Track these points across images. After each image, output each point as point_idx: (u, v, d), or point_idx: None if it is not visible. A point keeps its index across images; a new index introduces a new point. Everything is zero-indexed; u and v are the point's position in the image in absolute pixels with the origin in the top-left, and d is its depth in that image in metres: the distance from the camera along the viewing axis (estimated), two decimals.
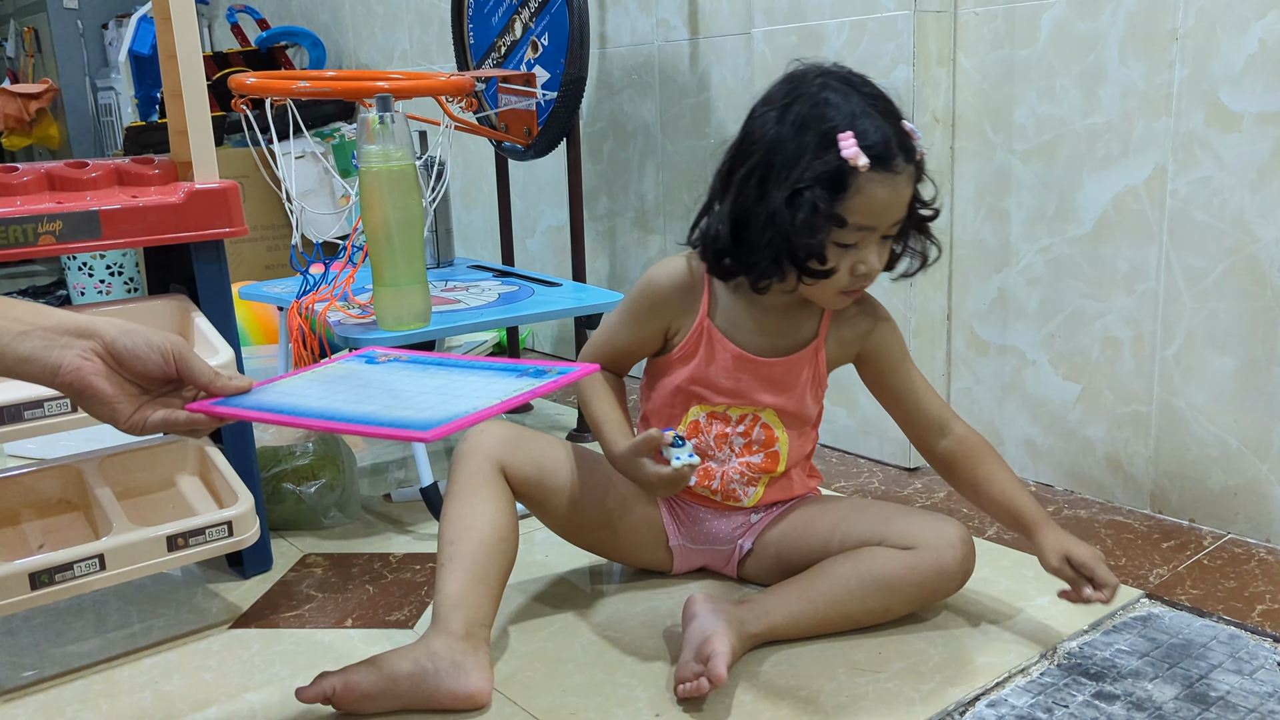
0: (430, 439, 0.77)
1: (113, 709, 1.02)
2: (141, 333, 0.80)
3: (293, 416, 0.82)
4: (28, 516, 1.19)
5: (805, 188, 0.99)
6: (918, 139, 1.03)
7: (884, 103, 1.03)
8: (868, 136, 0.99)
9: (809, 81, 1.03)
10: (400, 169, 1.29)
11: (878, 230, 1.03)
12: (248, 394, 0.85)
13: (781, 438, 1.16)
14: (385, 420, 0.80)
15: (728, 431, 1.16)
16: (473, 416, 0.79)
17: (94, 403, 0.78)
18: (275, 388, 0.88)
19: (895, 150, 1.00)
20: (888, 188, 1.00)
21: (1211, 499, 1.33)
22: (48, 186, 1.17)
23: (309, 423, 0.81)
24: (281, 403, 0.84)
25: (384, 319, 1.35)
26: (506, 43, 1.81)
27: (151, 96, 3.05)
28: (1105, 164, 1.36)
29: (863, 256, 1.03)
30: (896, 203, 1.02)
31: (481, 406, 0.80)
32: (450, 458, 1.73)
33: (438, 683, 0.96)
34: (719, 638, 0.99)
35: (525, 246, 2.39)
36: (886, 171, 1.00)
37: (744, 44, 1.80)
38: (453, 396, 0.84)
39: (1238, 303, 1.27)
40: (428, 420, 0.79)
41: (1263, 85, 1.21)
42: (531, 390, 0.84)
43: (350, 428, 0.80)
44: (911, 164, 1.02)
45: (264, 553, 1.30)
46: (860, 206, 1.00)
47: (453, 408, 0.81)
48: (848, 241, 1.02)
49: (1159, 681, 1.00)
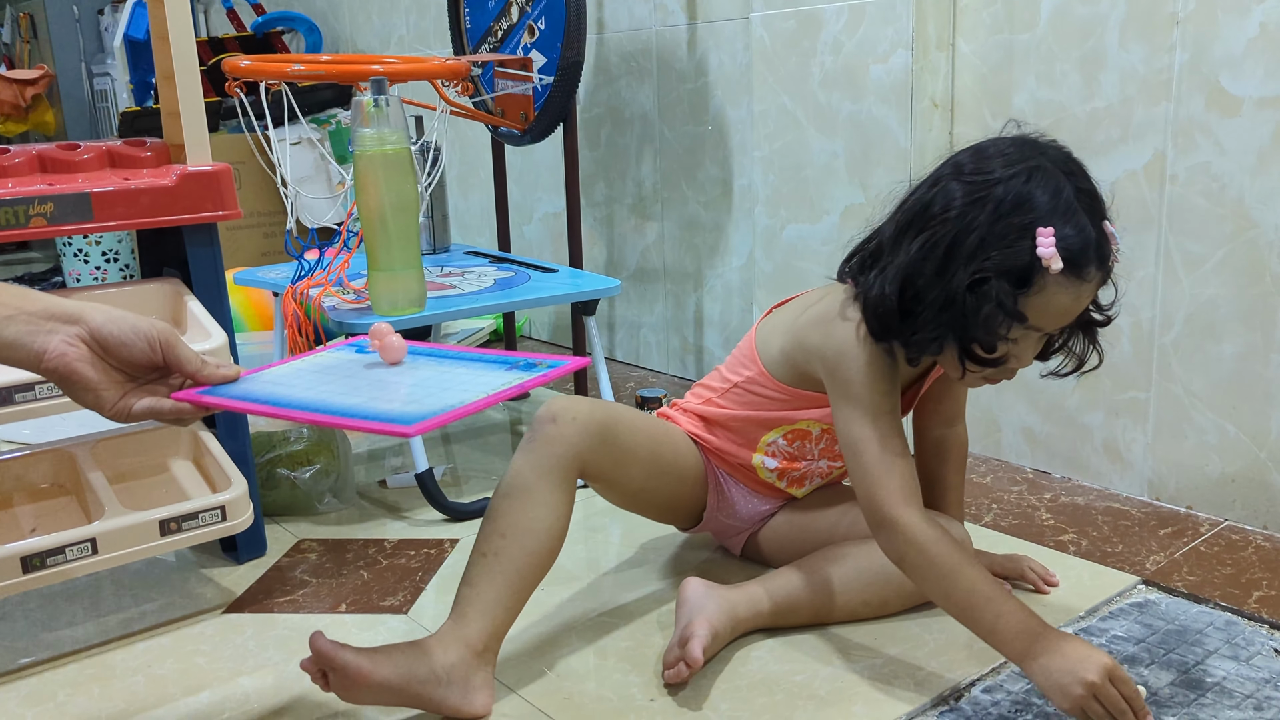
0: (412, 434, 0.76)
1: (105, 693, 1.02)
2: (128, 319, 0.79)
3: (278, 408, 0.81)
4: (20, 500, 1.19)
5: (991, 277, 0.91)
6: (1116, 244, 0.95)
7: (1093, 200, 0.94)
8: (1067, 239, 0.91)
9: (1025, 158, 0.94)
10: (395, 153, 1.29)
11: (1044, 330, 0.96)
12: (235, 383, 0.84)
13: None
14: (369, 414, 0.79)
15: (807, 445, 1.16)
16: (457, 412, 0.79)
17: (78, 389, 0.78)
18: (262, 377, 0.87)
19: (1091, 258, 0.92)
20: (1071, 294, 0.93)
21: (1209, 486, 1.33)
22: (39, 168, 1.17)
23: (294, 415, 0.81)
24: (268, 393, 0.84)
25: (379, 304, 1.35)
26: (503, 27, 1.80)
27: (147, 82, 3.03)
28: (1105, 149, 1.35)
29: (1019, 352, 0.96)
30: (1075, 310, 0.95)
31: (467, 401, 0.80)
32: (445, 443, 1.72)
33: (445, 695, 0.94)
34: (700, 621, 0.99)
35: (522, 233, 2.38)
36: (1076, 278, 0.92)
37: (742, 28, 1.79)
38: (439, 389, 0.83)
39: (1237, 289, 1.26)
40: (412, 415, 0.78)
41: (1263, 69, 1.20)
42: (520, 384, 0.83)
43: (334, 420, 0.79)
44: (1102, 271, 0.94)
45: (258, 538, 1.29)
46: (1038, 306, 0.92)
47: (438, 401, 0.80)
48: (1012, 336, 0.94)
49: (1155, 667, 0.99)
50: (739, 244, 1.91)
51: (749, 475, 1.18)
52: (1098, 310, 1.00)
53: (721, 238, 1.95)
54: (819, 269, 1.63)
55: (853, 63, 1.53)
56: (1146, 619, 1.09)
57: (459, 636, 0.95)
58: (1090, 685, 0.85)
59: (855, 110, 1.54)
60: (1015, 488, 1.45)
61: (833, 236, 1.61)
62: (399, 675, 0.92)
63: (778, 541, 1.20)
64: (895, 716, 0.93)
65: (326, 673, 0.91)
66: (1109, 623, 1.08)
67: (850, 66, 1.53)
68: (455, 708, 0.94)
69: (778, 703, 0.96)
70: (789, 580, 1.08)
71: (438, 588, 1.20)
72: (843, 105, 1.56)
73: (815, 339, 1.05)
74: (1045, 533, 1.30)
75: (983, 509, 1.38)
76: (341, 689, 0.91)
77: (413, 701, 0.94)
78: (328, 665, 0.90)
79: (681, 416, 1.21)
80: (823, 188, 1.61)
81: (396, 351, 0.88)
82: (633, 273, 2.15)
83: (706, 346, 2.03)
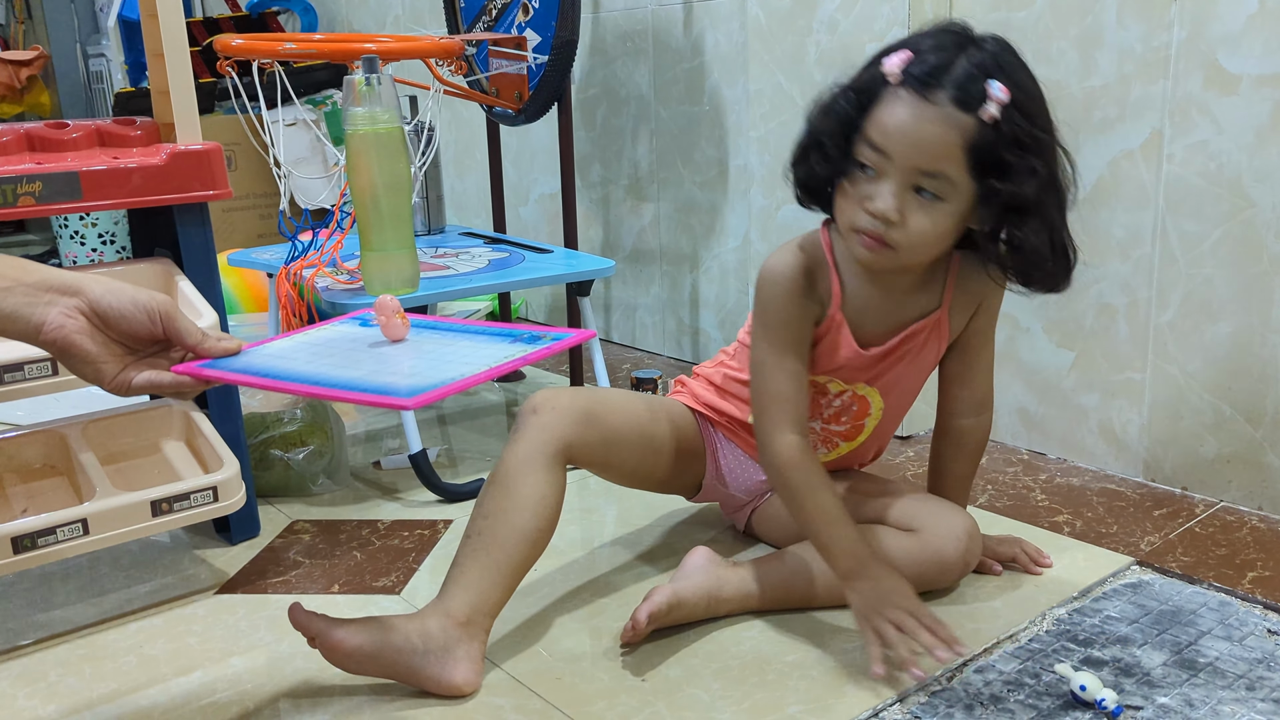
0: (411, 406, 0.76)
1: (97, 673, 1.01)
2: (127, 291, 0.78)
3: (278, 380, 0.80)
4: (11, 481, 1.18)
5: (844, 86, 0.96)
6: (997, 99, 0.89)
7: (1002, 64, 0.91)
8: (925, 62, 0.91)
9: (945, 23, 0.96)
10: (387, 132, 1.28)
11: (893, 161, 0.92)
12: (236, 356, 0.83)
13: (875, 412, 1.13)
14: (368, 386, 0.78)
15: (821, 401, 1.12)
16: (457, 384, 0.78)
17: (77, 361, 0.77)
18: (263, 350, 0.86)
19: (944, 85, 0.89)
20: (907, 110, 0.90)
21: (1204, 466, 1.32)
22: (27, 147, 1.16)
23: (294, 387, 0.80)
24: (268, 366, 0.83)
25: (371, 284, 1.34)
26: (497, 5, 1.78)
27: (142, 63, 3.02)
28: (1102, 128, 1.34)
29: (874, 192, 0.93)
30: (914, 133, 0.90)
31: (469, 374, 0.79)
32: (440, 424, 1.72)
33: (423, 664, 0.93)
34: (666, 589, 1.01)
35: (518, 214, 2.37)
36: (915, 94, 0.90)
37: (738, 7, 1.78)
38: (441, 362, 0.82)
39: (1233, 269, 1.26)
40: (411, 387, 0.77)
41: (1262, 47, 1.19)
42: (523, 357, 0.83)
43: (332, 393, 0.79)
44: (962, 110, 0.89)
45: (251, 519, 1.29)
46: (878, 121, 0.92)
47: (439, 374, 0.79)
48: (865, 161, 0.93)
49: (1148, 648, 0.99)
50: (735, 225, 1.91)
51: (752, 443, 1.15)
52: (999, 175, 0.91)
53: (717, 218, 1.94)
54: None
55: (848, 41, 1.51)
56: (1141, 599, 1.08)
57: (439, 608, 0.96)
58: (894, 614, 0.94)
59: None
60: (1010, 469, 1.45)
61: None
62: (372, 642, 0.93)
63: (773, 520, 1.19)
64: (886, 697, 0.93)
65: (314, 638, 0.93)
66: (1103, 603, 1.08)
67: (846, 45, 1.52)
68: (433, 678, 0.94)
69: (769, 682, 0.96)
70: (781, 566, 1.08)
71: (431, 569, 1.20)
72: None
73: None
74: (1040, 514, 1.30)
75: (978, 490, 1.37)
76: (325, 653, 0.93)
77: (389, 670, 0.94)
78: (303, 632, 0.93)
79: (696, 384, 1.22)
80: None
81: (399, 329, 0.88)
82: (628, 254, 2.14)
83: (702, 328, 2.02)
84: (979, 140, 0.90)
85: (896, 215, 0.93)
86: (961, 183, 0.92)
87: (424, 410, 1.79)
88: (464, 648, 0.95)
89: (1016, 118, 0.90)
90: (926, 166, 0.91)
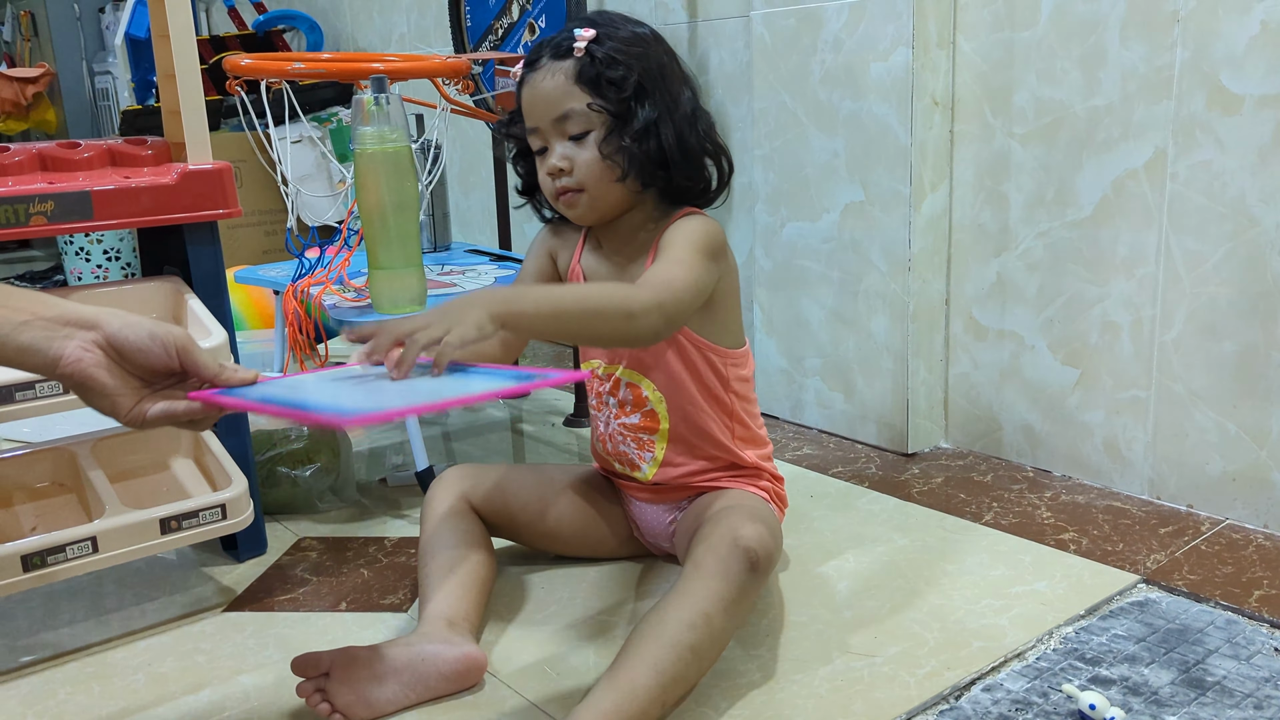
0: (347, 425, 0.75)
1: (106, 691, 1.02)
2: (145, 325, 0.78)
3: (273, 405, 0.81)
4: (20, 499, 1.19)
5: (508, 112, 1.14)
6: (581, 37, 1.05)
7: (587, 24, 1.07)
8: (531, 54, 1.10)
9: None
10: (395, 151, 1.28)
11: (539, 128, 1.08)
12: (253, 385, 0.84)
13: (653, 395, 1.13)
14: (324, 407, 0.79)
15: (601, 391, 1.18)
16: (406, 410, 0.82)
17: (94, 395, 0.77)
18: (283, 382, 0.88)
19: (542, 50, 1.07)
20: (528, 84, 1.08)
21: (1209, 484, 1.33)
22: (40, 167, 1.17)
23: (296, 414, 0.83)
24: (284, 395, 0.84)
25: (379, 302, 1.35)
26: (504, 25, 1.80)
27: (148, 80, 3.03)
28: (1105, 147, 1.35)
29: (547, 158, 1.08)
30: (538, 98, 1.07)
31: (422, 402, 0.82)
32: (445, 440, 1.72)
33: (434, 650, 0.97)
34: None
35: (524, 231, 2.38)
36: (529, 71, 1.08)
37: (743, 26, 1.79)
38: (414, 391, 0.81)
39: (1237, 287, 1.26)
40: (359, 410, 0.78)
41: (1265, 67, 1.20)
42: (500, 390, 0.83)
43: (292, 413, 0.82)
44: (560, 59, 1.06)
45: (258, 536, 1.29)
46: (523, 109, 1.09)
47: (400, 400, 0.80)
48: (534, 145, 1.10)
49: (1155, 666, 0.99)
50: (739, 242, 1.91)
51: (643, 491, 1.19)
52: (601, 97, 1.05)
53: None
54: (819, 267, 1.63)
55: (853, 61, 1.52)
56: (1147, 618, 1.09)
57: (422, 623, 1.02)
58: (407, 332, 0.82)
59: (856, 108, 1.54)
60: (1016, 486, 1.45)
61: (833, 235, 1.61)
62: (378, 653, 0.95)
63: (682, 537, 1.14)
64: (895, 715, 0.93)
65: (322, 688, 0.93)
66: (1109, 622, 1.08)
67: (850, 64, 1.53)
68: (447, 658, 0.97)
69: (778, 701, 0.96)
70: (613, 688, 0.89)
71: None
72: (843, 103, 1.56)
73: None
74: (1046, 531, 1.30)
75: (983, 507, 1.37)
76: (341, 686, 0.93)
77: (405, 672, 0.95)
78: (317, 666, 0.93)
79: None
80: (823, 186, 1.61)
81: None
82: None
83: None
84: (582, 72, 1.05)
85: (565, 163, 1.07)
86: (592, 110, 1.06)
87: (429, 427, 1.79)
88: (460, 637, 1.00)
89: (606, 45, 1.06)
90: (557, 112, 1.06)
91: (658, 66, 1.08)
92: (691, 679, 0.92)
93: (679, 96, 1.10)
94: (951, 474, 1.50)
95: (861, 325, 1.60)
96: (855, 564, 1.23)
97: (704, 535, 1.00)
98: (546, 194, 1.12)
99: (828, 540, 1.29)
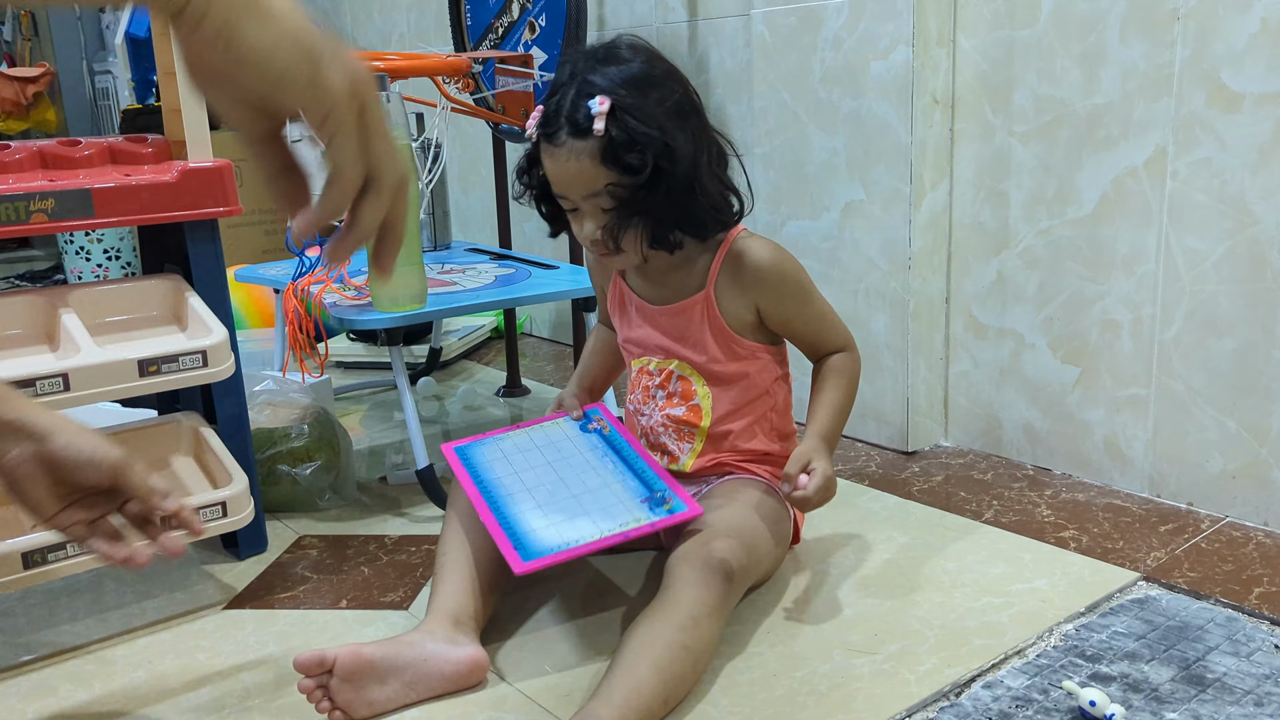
0: (520, 572, 1.00)
1: (106, 688, 1.02)
2: (88, 445, 0.80)
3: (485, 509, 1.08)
4: None
5: (523, 154, 1.14)
6: (597, 114, 1.03)
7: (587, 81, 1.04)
8: (546, 111, 1.07)
9: (570, 58, 1.10)
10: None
11: (572, 199, 1.08)
12: (471, 446, 1.18)
13: (701, 391, 1.17)
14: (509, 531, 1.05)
15: (650, 385, 1.20)
16: (571, 553, 1.02)
17: (18, 498, 0.80)
18: (497, 444, 1.18)
19: (559, 124, 1.05)
20: (550, 160, 1.07)
21: (1209, 482, 1.33)
22: (40, 164, 1.17)
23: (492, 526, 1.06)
24: (487, 473, 1.14)
25: (379, 301, 1.35)
26: (504, 24, 1.80)
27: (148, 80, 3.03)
28: (1105, 145, 1.35)
29: (578, 223, 1.10)
30: (565, 175, 1.06)
31: (586, 540, 1.04)
32: (446, 439, 1.72)
33: (437, 650, 0.97)
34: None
35: (523, 230, 2.38)
36: (549, 144, 1.06)
37: (743, 25, 1.79)
38: (580, 514, 1.07)
39: (1237, 285, 1.26)
40: (534, 548, 1.03)
41: (1264, 65, 1.20)
42: (644, 527, 1.05)
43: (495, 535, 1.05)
44: (580, 138, 1.04)
45: (259, 534, 1.30)
46: (548, 175, 1.09)
47: (564, 534, 1.05)
48: (564, 206, 1.11)
49: (1155, 663, 0.99)
50: None
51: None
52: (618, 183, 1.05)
53: None
54: (819, 265, 1.63)
55: (853, 59, 1.52)
56: (1147, 615, 1.09)
57: (427, 619, 1.02)
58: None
59: (856, 107, 1.54)
60: (1016, 484, 1.45)
61: (833, 233, 1.61)
62: (383, 647, 0.95)
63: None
64: (895, 712, 0.93)
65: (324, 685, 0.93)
66: (1110, 619, 1.08)
67: (851, 63, 1.53)
68: (450, 658, 0.97)
69: (778, 699, 0.96)
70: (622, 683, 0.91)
71: None
72: (843, 102, 1.56)
73: None
74: (1046, 529, 1.30)
75: (983, 505, 1.38)
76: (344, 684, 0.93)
77: (410, 668, 0.95)
78: (321, 664, 0.92)
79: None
80: (823, 184, 1.61)
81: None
82: None
83: None
84: (604, 152, 1.04)
85: (599, 234, 1.09)
86: (618, 182, 1.06)
87: (430, 425, 1.79)
88: (464, 637, 1.00)
89: (624, 119, 1.03)
90: (587, 190, 1.06)
91: (676, 120, 1.07)
92: (688, 677, 0.94)
93: (699, 144, 1.09)
94: (952, 472, 1.50)
95: (862, 323, 1.60)
96: (856, 562, 1.23)
97: (684, 552, 1.03)
98: (582, 244, 1.14)
99: (828, 538, 1.29)
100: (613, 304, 1.24)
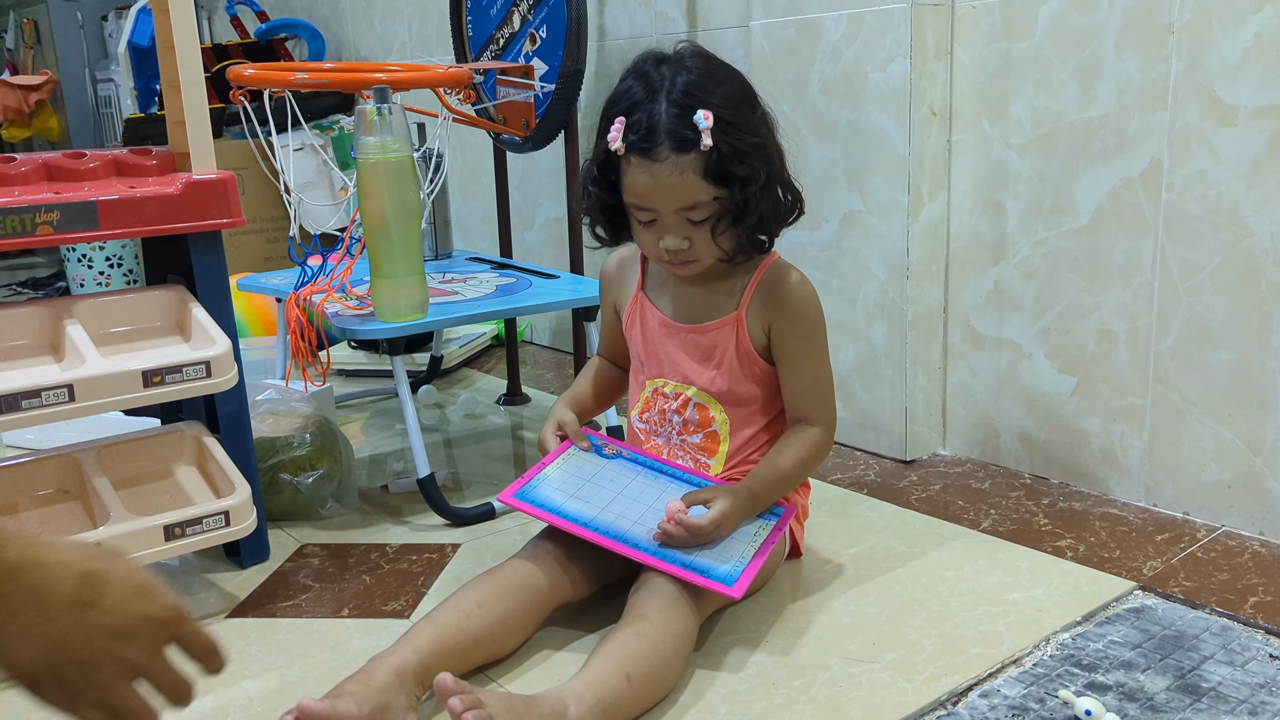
0: (736, 596, 1.03)
1: None
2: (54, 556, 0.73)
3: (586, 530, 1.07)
4: (25, 506, 1.19)
5: (591, 162, 1.11)
6: (704, 129, 1.02)
7: (687, 91, 1.04)
8: (637, 125, 1.04)
9: (640, 62, 1.09)
10: (398, 160, 1.30)
11: (660, 212, 1.07)
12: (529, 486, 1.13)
13: (720, 418, 1.18)
14: (693, 567, 1.04)
15: (666, 409, 1.20)
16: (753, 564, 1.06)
17: None
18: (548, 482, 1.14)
19: (660, 138, 1.03)
20: (645, 174, 1.05)
21: (1205, 492, 1.34)
22: (45, 177, 1.18)
23: (606, 542, 1.06)
24: (564, 506, 1.10)
25: (381, 310, 1.36)
26: (505, 35, 1.81)
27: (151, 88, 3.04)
28: (1102, 157, 1.36)
29: (660, 234, 1.09)
30: (662, 190, 1.05)
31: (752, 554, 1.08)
32: (447, 447, 1.73)
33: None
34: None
35: (523, 239, 2.39)
36: (643, 158, 1.04)
37: (742, 36, 1.80)
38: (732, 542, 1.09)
39: (1233, 296, 1.27)
40: (728, 575, 1.04)
41: (1259, 79, 1.21)
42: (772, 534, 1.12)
43: (665, 566, 1.04)
44: (683, 153, 1.03)
45: (261, 543, 1.30)
46: (630, 187, 1.07)
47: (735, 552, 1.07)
48: (641, 218, 1.09)
49: (1151, 673, 1.00)
50: None
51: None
52: (739, 191, 1.05)
53: None
54: (818, 275, 1.64)
55: (851, 71, 1.54)
56: (1143, 624, 1.09)
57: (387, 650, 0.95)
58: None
59: (854, 118, 1.55)
60: (1013, 493, 1.46)
61: (832, 243, 1.62)
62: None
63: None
64: None
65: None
66: (1106, 628, 1.09)
67: (849, 75, 1.54)
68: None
69: (776, 706, 0.97)
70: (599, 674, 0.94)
71: (439, 592, 1.21)
72: (841, 113, 1.57)
73: None
74: (1043, 538, 1.31)
75: (980, 514, 1.38)
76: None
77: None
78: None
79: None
80: (822, 195, 1.62)
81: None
82: None
83: None
84: (710, 165, 1.04)
85: (686, 244, 1.09)
86: (716, 195, 1.06)
87: (431, 434, 1.80)
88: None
89: (727, 132, 1.04)
90: (683, 204, 1.06)
91: (765, 126, 1.09)
92: (656, 678, 0.95)
93: (779, 153, 1.11)
94: (950, 481, 1.51)
95: (860, 333, 1.61)
96: (853, 570, 1.24)
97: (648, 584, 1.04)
98: (650, 256, 1.14)
99: (826, 547, 1.30)
100: (629, 320, 1.23)
